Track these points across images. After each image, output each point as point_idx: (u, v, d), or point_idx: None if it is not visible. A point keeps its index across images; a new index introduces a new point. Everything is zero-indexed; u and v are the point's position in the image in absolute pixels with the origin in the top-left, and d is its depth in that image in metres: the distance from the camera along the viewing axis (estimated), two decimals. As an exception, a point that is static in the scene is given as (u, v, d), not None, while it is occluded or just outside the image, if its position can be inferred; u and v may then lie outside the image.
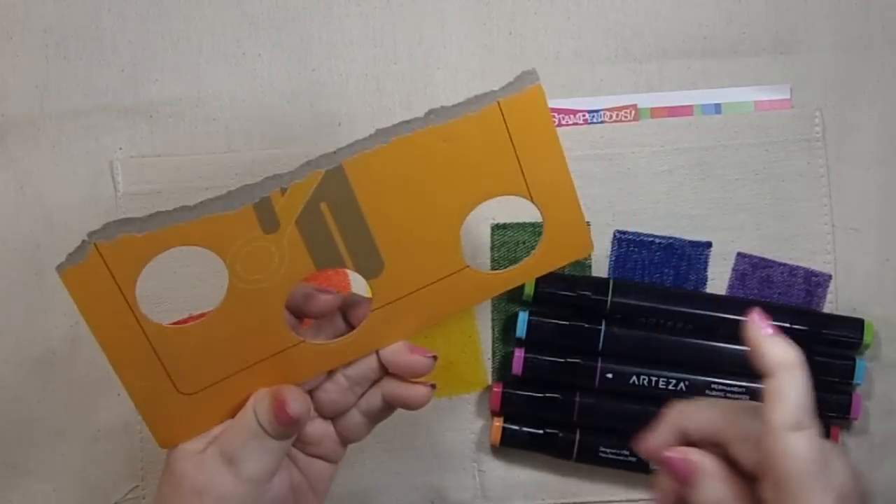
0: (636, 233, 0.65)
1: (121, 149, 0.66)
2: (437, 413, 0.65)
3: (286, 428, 0.51)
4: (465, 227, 0.65)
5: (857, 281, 0.65)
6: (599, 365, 0.63)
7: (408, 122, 0.50)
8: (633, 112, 0.65)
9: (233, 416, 0.53)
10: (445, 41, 0.66)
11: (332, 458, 0.56)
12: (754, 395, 0.62)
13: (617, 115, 0.65)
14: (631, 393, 0.63)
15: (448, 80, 0.65)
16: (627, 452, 0.63)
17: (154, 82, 0.66)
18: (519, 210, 0.65)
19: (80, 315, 0.50)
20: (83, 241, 0.49)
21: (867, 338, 0.63)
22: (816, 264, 0.65)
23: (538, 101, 0.51)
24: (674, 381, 0.63)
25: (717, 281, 0.65)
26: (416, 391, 0.53)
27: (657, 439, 0.51)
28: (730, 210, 0.65)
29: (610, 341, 0.63)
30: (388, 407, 0.55)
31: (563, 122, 0.65)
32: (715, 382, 0.62)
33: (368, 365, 0.54)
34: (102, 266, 0.49)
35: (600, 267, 0.65)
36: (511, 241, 0.65)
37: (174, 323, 0.64)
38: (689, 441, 0.50)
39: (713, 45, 0.65)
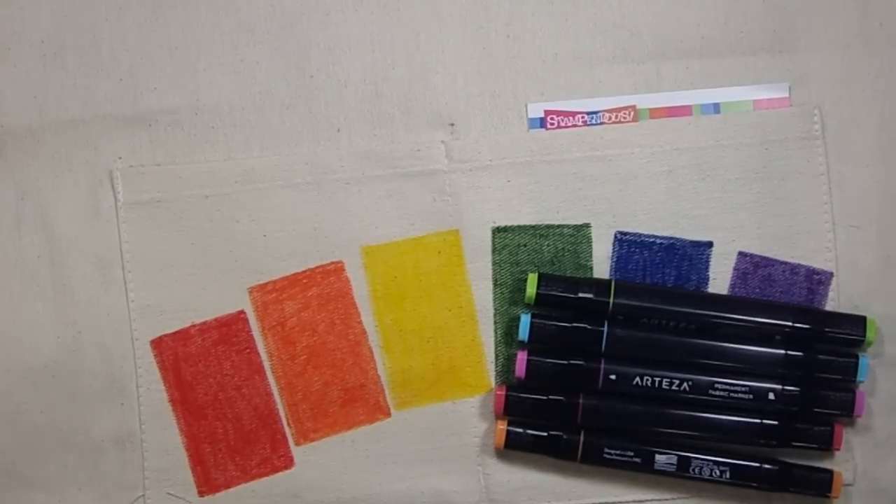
0: (637, 233, 0.65)
1: (120, 158, 0.66)
2: (441, 417, 0.65)
3: None
4: (466, 231, 0.65)
5: (858, 278, 0.65)
6: (602, 366, 0.63)
7: None
8: (632, 113, 0.65)
9: None
10: (443, 45, 0.66)
11: None
12: (757, 394, 0.62)
13: (616, 116, 0.65)
14: (634, 394, 0.63)
15: (447, 84, 0.65)
16: (632, 453, 0.63)
17: (153, 91, 0.66)
18: (520, 213, 0.65)
19: None
20: None
21: (870, 335, 0.63)
22: (818, 262, 0.65)
23: None
24: (677, 382, 0.63)
25: (719, 280, 0.65)
26: None
27: None
28: (730, 209, 0.65)
29: (613, 342, 0.63)
30: None
31: (562, 125, 0.65)
32: (718, 382, 0.62)
33: None
34: None
35: (602, 268, 0.65)
36: (512, 244, 0.65)
37: (175, 332, 0.65)
38: None
39: (711, 44, 0.65)
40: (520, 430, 0.64)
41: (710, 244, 0.65)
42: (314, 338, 0.65)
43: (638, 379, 0.63)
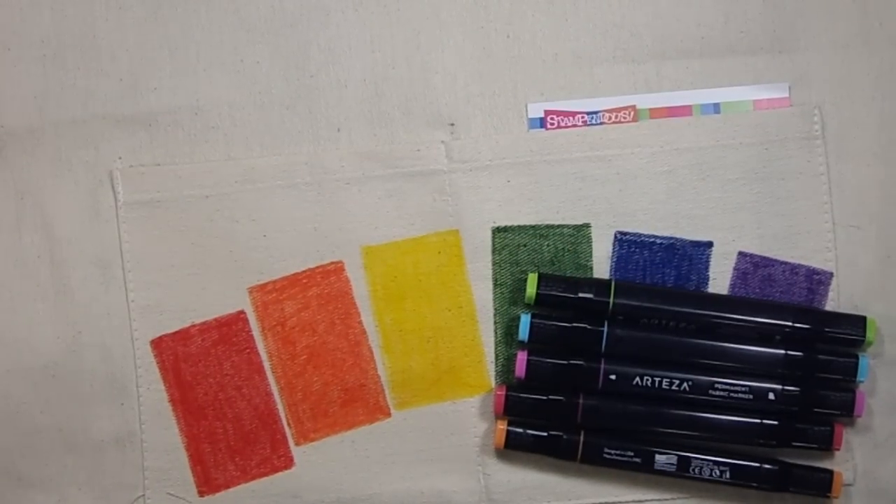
0: (637, 234, 0.65)
1: (120, 158, 0.66)
2: (441, 417, 0.65)
3: None
4: (466, 231, 0.65)
5: (858, 278, 0.65)
6: (602, 366, 0.63)
7: None
8: (632, 113, 0.65)
9: None
10: (443, 45, 0.66)
11: None
12: (757, 394, 0.62)
13: (616, 117, 0.65)
14: (634, 394, 0.63)
15: (447, 84, 0.65)
16: (632, 453, 0.63)
17: (153, 91, 0.66)
18: (520, 213, 0.65)
19: None
20: None
21: (870, 335, 0.63)
22: (818, 262, 0.65)
23: None
24: (677, 382, 0.63)
25: (719, 280, 0.65)
26: None
27: None
28: (730, 209, 0.65)
29: (613, 342, 0.63)
30: None
31: (562, 125, 0.65)
32: (718, 382, 0.62)
33: None
34: None
35: (602, 268, 0.65)
36: (512, 244, 0.65)
37: (175, 332, 0.65)
38: None
39: (711, 44, 0.65)
40: (520, 430, 0.64)
41: (710, 244, 0.65)
42: (314, 338, 0.65)
43: (638, 379, 0.63)
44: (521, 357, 0.63)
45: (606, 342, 0.63)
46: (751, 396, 0.62)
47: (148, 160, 0.66)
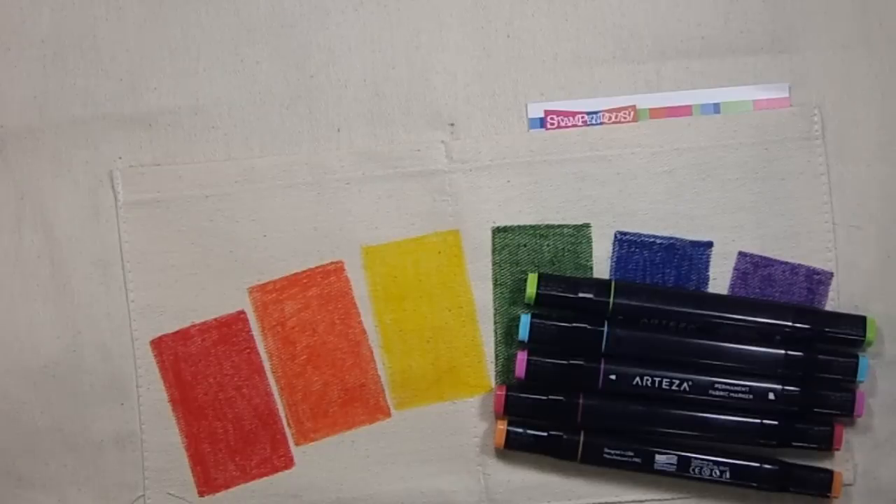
0: (637, 234, 0.65)
1: (120, 158, 0.66)
2: (441, 417, 0.65)
3: None
4: (466, 231, 0.65)
5: (858, 278, 0.65)
6: (602, 366, 0.63)
7: None
8: (631, 113, 0.65)
9: None
10: (443, 45, 0.66)
11: None
12: (757, 394, 0.62)
13: (616, 117, 0.65)
14: (634, 394, 0.63)
15: (447, 84, 0.65)
16: (632, 453, 0.63)
17: (152, 91, 0.66)
18: (520, 213, 0.65)
19: None
20: None
21: (870, 335, 0.63)
22: (818, 262, 0.65)
23: None
24: (677, 382, 0.63)
25: (719, 280, 0.65)
26: None
27: None
28: (730, 209, 0.65)
29: (613, 343, 0.63)
30: None
31: (562, 125, 0.65)
32: (718, 382, 0.62)
33: None
34: None
35: (602, 268, 0.65)
36: (512, 244, 0.65)
37: (175, 332, 0.65)
38: None
39: (711, 44, 0.65)
40: (520, 430, 0.64)
41: (710, 244, 0.65)
42: (314, 338, 0.65)
43: (638, 379, 0.63)
44: (521, 357, 0.63)
45: (606, 342, 0.63)
46: (751, 396, 0.62)
47: (148, 160, 0.66)
